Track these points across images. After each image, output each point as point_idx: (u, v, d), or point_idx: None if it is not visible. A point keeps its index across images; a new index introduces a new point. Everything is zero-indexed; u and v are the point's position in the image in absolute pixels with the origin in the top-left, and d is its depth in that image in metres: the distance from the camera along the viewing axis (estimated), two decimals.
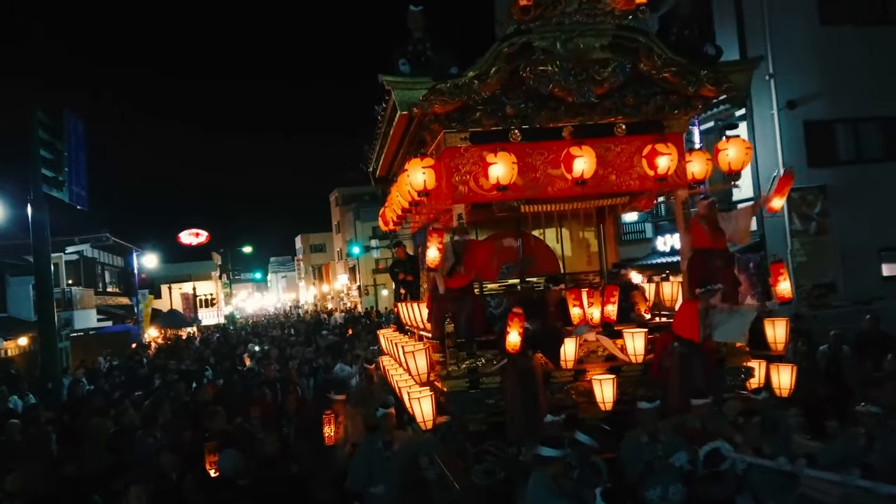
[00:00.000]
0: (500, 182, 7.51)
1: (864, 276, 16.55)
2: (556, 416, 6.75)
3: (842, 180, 16.64)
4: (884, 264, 17.35)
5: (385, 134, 9.32)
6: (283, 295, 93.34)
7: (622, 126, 8.07)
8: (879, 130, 17.46)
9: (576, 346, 7.53)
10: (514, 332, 7.05)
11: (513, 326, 7.05)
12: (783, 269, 7.60)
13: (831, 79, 16.67)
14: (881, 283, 16.93)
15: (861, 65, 16.66)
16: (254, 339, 27.58)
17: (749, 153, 7.75)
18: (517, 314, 7.08)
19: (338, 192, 65.47)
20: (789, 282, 7.54)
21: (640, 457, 6.48)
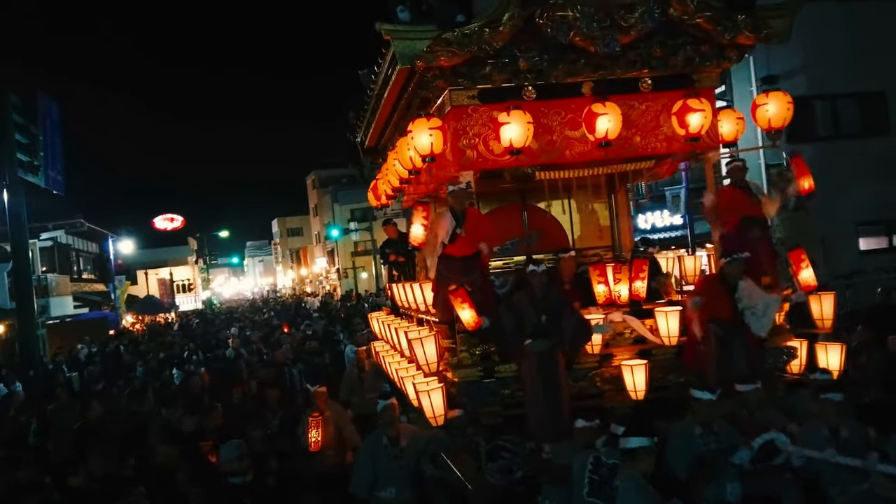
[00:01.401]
0: (514, 145, 6.50)
1: (842, 250, 16.35)
2: (589, 422, 5.73)
3: (821, 156, 16.11)
4: (861, 238, 17.37)
5: (379, 96, 8.24)
6: (260, 279, 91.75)
7: (648, 81, 7.09)
8: (857, 106, 17.23)
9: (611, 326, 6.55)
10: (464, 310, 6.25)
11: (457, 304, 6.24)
12: (804, 255, 6.70)
13: (810, 55, 16.33)
14: (859, 256, 16.88)
15: (840, 41, 16.31)
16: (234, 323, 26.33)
17: (791, 108, 6.78)
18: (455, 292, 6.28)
19: (315, 175, 63.98)
20: (812, 269, 6.60)
21: (691, 450, 5.54)
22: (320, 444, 7.36)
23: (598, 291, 7.01)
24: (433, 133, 6.52)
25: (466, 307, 6.20)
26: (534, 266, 6.45)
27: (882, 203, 16.45)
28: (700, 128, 6.68)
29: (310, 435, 7.29)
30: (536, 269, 6.43)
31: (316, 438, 7.33)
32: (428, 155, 6.57)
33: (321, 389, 7.76)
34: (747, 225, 6.93)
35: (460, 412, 6.57)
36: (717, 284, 6.50)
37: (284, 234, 76.03)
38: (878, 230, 17.62)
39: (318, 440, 7.33)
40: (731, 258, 6.44)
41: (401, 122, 8.84)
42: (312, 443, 7.31)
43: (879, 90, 17.01)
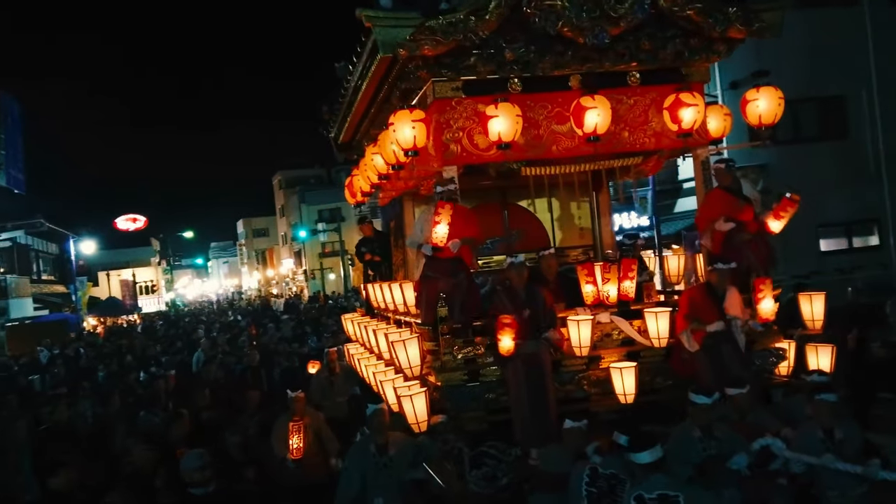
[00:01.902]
0: (503, 139, 6.20)
1: (803, 251, 16.35)
2: (577, 423, 5.44)
3: (781, 159, 16.49)
4: (821, 240, 17.52)
5: (356, 88, 7.88)
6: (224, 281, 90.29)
7: (636, 75, 6.85)
8: (815, 111, 17.35)
9: (591, 328, 6.26)
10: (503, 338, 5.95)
11: (504, 333, 5.93)
12: (767, 286, 6.43)
13: (771, 60, 16.17)
14: (819, 257, 17.01)
15: (800, 46, 16.31)
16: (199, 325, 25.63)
17: (782, 104, 6.58)
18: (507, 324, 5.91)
19: (281, 176, 63.10)
20: (773, 300, 6.41)
21: (691, 456, 5.28)
22: (301, 452, 6.97)
23: (586, 291, 6.74)
24: (416, 126, 6.19)
25: (509, 336, 5.92)
26: (511, 258, 6.15)
27: (842, 205, 16.69)
28: (693, 123, 6.46)
29: (291, 442, 6.89)
30: (515, 261, 6.14)
31: (298, 445, 6.94)
32: (411, 149, 6.24)
33: (300, 395, 7.37)
34: (735, 230, 6.70)
35: (443, 417, 6.26)
36: (703, 293, 6.27)
37: (250, 235, 74.89)
38: (838, 232, 17.85)
39: (299, 447, 6.95)
40: (714, 268, 6.24)
41: (378, 116, 8.49)
42: (294, 450, 6.92)
43: (839, 94, 17.21)
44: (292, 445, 6.95)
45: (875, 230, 17.91)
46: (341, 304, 27.94)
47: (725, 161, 6.89)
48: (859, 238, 18.03)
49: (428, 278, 6.43)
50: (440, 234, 6.09)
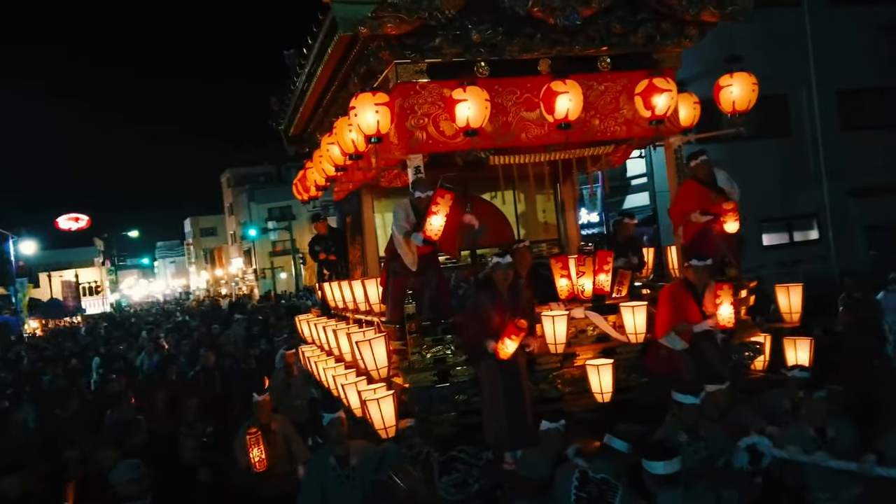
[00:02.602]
0: (471, 125, 5.78)
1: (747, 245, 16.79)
2: (554, 423, 5.03)
3: (726, 156, 16.68)
4: (764, 234, 17.72)
5: (310, 74, 7.38)
6: (171, 281, 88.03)
7: (606, 60, 6.51)
8: (759, 109, 17.44)
9: (566, 324, 5.88)
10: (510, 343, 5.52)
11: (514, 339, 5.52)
12: (724, 289, 5.96)
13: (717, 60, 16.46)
14: (762, 252, 17.13)
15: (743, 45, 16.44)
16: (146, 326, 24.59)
17: (756, 90, 6.30)
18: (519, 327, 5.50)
19: (229, 173, 61.57)
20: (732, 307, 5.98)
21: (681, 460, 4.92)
22: (265, 462, 6.43)
23: (560, 286, 6.36)
24: (380, 110, 5.73)
25: (513, 342, 5.49)
26: (498, 258, 5.72)
27: (783, 201, 16.89)
28: (667, 109, 6.14)
29: (251, 454, 6.33)
30: (501, 262, 5.71)
31: (259, 457, 6.39)
32: (374, 135, 5.77)
33: (265, 399, 6.82)
34: (709, 222, 6.40)
35: (412, 421, 5.80)
36: (683, 290, 5.94)
37: (198, 234, 73.03)
38: (779, 226, 18.08)
39: (261, 458, 6.40)
40: (691, 264, 5.92)
41: (333, 105, 8.00)
42: (256, 462, 6.36)
43: (781, 93, 17.33)
44: (253, 456, 6.40)
45: (815, 224, 18.26)
46: (294, 304, 27.13)
47: (699, 152, 6.55)
48: (800, 232, 18.32)
49: (395, 274, 5.98)
50: (435, 227, 5.63)
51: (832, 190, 17.72)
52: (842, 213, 17.88)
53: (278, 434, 6.70)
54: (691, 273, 5.91)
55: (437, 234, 5.73)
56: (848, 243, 17.76)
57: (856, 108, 18.54)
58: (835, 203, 17.89)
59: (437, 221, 5.70)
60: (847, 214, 17.85)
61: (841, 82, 17.90)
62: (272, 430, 6.68)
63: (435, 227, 5.71)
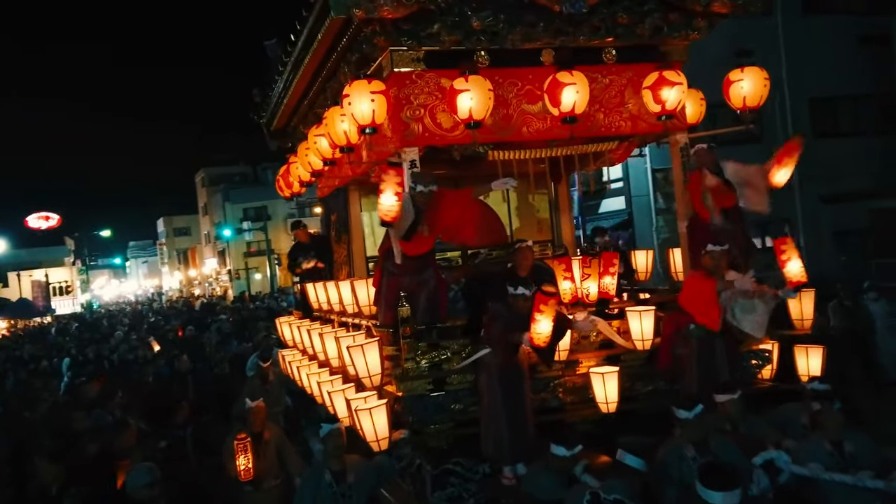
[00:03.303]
0: (473, 116, 5.37)
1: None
2: (570, 450, 4.56)
3: None
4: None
5: (297, 62, 6.95)
6: (144, 281, 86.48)
7: (612, 51, 6.17)
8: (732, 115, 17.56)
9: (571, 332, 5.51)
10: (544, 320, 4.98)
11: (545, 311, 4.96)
12: (789, 244, 5.75)
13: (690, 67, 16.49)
14: None
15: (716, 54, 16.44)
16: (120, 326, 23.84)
17: (768, 85, 5.98)
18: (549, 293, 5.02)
19: (204, 173, 60.55)
20: (800, 260, 5.72)
21: (686, 477, 4.55)
22: (252, 472, 5.96)
23: (563, 288, 5.98)
24: (376, 98, 5.32)
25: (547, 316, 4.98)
26: (524, 289, 5.25)
27: None
28: (677, 103, 5.79)
29: (238, 461, 5.87)
30: (527, 293, 5.20)
31: (245, 465, 5.92)
32: (368, 125, 5.35)
33: (259, 405, 6.34)
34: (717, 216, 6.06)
35: (405, 433, 5.39)
36: (700, 280, 5.58)
37: (171, 234, 71.73)
38: (754, 231, 17.83)
39: (247, 467, 5.93)
40: (707, 250, 5.54)
41: (320, 96, 7.58)
42: (242, 471, 5.90)
43: None
44: (240, 464, 5.93)
45: (786, 229, 18.13)
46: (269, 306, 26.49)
47: (707, 143, 6.21)
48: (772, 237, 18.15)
49: (390, 274, 5.57)
50: (384, 206, 5.22)
51: (804, 196, 17.65)
52: (813, 219, 17.84)
53: (271, 444, 6.24)
54: (708, 260, 5.52)
55: (387, 214, 5.32)
56: (819, 249, 17.70)
57: (828, 116, 18.54)
58: (806, 209, 17.84)
59: (386, 200, 5.29)
60: (818, 220, 17.82)
61: (813, 90, 17.85)
62: (265, 439, 6.21)
63: (384, 207, 5.31)
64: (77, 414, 6.96)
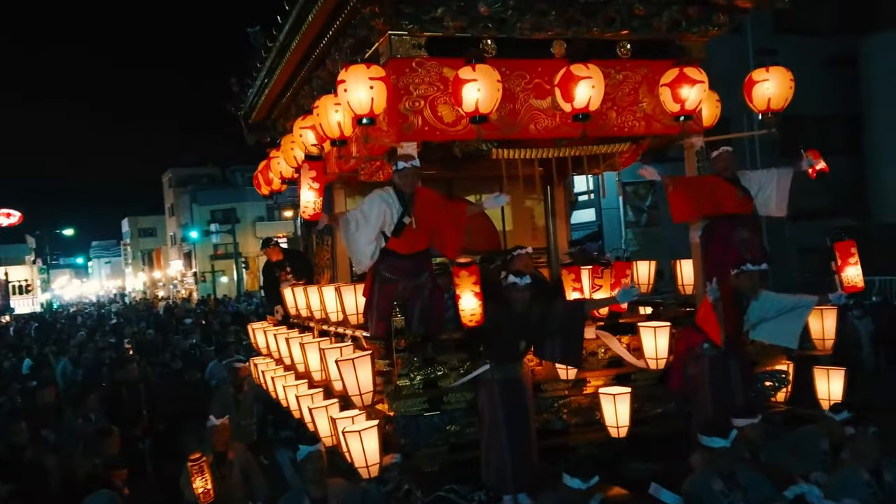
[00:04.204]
0: (480, 110, 4.85)
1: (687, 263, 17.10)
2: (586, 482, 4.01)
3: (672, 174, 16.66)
4: None
5: (282, 48, 6.37)
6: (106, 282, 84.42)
7: (626, 46, 5.72)
8: None
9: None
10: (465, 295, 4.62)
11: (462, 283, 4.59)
12: (853, 249, 5.35)
13: None
14: None
15: None
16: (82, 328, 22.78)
17: (793, 87, 5.55)
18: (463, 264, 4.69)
19: (171, 174, 59.20)
20: (859, 266, 5.32)
21: None
22: (212, 494, 5.34)
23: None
24: (375, 85, 4.76)
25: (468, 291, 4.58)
26: (515, 279, 4.77)
27: None
28: (698, 103, 5.33)
29: (194, 484, 5.25)
30: (518, 283, 4.75)
31: (204, 487, 5.30)
32: (366, 115, 4.80)
33: (223, 423, 5.73)
34: (727, 224, 5.61)
35: (397, 457, 4.82)
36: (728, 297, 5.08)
37: (136, 235, 70.08)
38: None
39: (206, 489, 5.31)
40: (742, 270, 5.04)
41: (306, 86, 7.02)
42: (200, 494, 5.28)
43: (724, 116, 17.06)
44: (196, 488, 5.31)
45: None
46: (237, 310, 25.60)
47: (719, 144, 5.77)
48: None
49: (383, 279, 5.00)
50: (306, 201, 4.90)
51: None
52: (779, 236, 17.80)
53: (235, 465, 5.62)
54: (744, 280, 5.01)
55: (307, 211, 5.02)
56: (784, 265, 17.67)
57: (795, 135, 18.62)
58: (771, 226, 17.76)
59: (307, 197, 4.94)
60: (783, 237, 17.78)
61: None
62: (228, 460, 5.59)
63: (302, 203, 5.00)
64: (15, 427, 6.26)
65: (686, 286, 6.43)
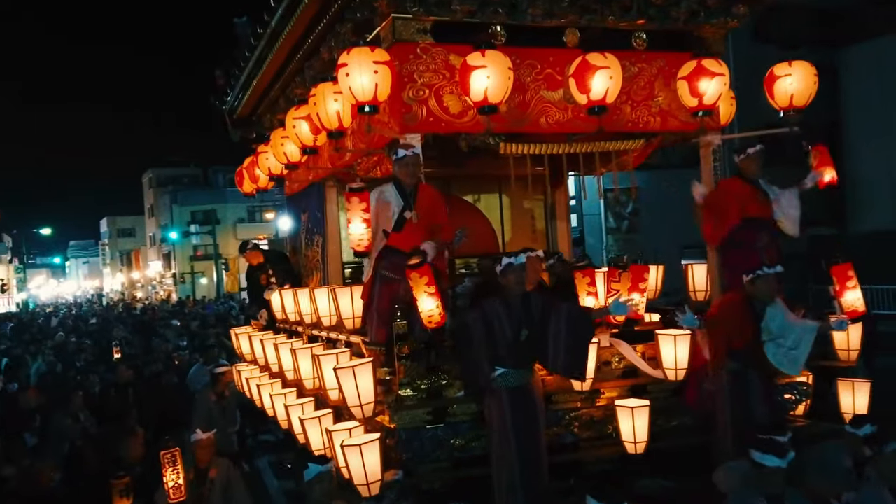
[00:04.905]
0: (489, 99, 4.45)
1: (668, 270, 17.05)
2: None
3: (651, 183, 16.11)
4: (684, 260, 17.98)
5: (273, 34, 5.95)
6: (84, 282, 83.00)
7: (642, 36, 5.35)
8: None
9: (596, 354, 4.63)
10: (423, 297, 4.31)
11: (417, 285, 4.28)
12: (851, 272, 5.04)
13: None
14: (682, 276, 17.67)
15: None
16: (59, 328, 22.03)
17: (817, 82, 5.22)
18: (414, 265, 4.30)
19: (152, 174, 58.31)
20: (859, 290, 5.02)
21: None
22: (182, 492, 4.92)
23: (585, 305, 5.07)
24: (380, 70, 4.35)
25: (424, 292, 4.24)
26: (510, 258, 4.40)
27: None
28: (717, 97, 4.98)
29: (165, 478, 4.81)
30: (513, 262, 4.38)
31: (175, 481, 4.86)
32: (370, 102, 4.38)
33: (207, 438, 5.28)
34: (755, 229, 5.27)
35: (399, 473, 4.41)
36: (742, 308, 4.73)
37: (114, 235, 68.98)
38: (699, 253, 17.75)
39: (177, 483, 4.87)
40: (758, 274, 4.69)
41: (296, 78, 6.61)
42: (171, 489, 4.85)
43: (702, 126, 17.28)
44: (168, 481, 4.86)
45: None
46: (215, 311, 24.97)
47: (751, 143, 5.41)
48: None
49: (383, 279, 4.59)
50: (354, 236, 4.54)
51: None
52: None
53: (216, 485, 5.17)
54: (761, 286, 4.65)
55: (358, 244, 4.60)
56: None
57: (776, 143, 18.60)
58: None
59: (355, 229, 4.57)
60: None
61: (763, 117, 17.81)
62: (210, 478, 5.14)
63: (354, 237, 4.59)
64: None
65: (698, 292, 6.06)
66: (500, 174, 6.83)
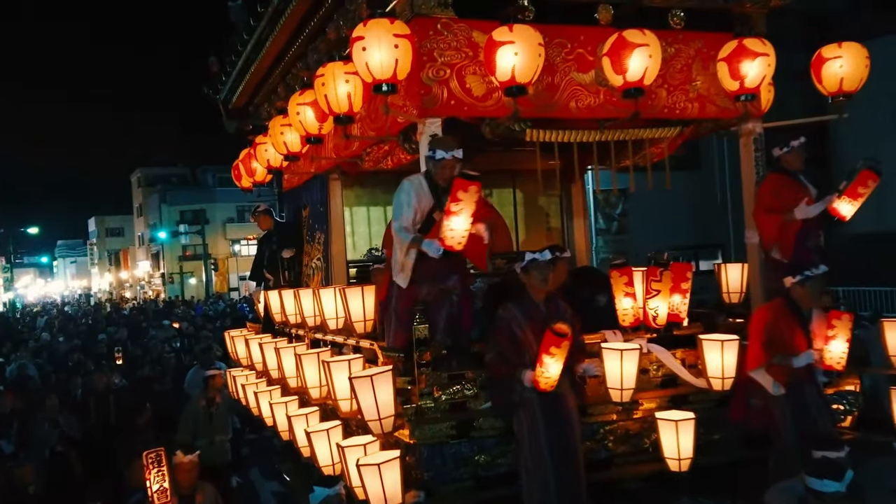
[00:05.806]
0: (517, 79, 3.97)
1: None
2: None
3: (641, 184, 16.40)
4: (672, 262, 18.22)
5: (274, 17, 5.47)
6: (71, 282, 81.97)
7: (680, 14, 4.87)
8: None
9: (636, 362, 4.16)
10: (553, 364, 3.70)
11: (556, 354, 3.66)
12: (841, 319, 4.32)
13: None
14: None
15: None
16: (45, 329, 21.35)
17: (869, 65, 4.78)
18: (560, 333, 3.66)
19: (140, 173, 57.53)
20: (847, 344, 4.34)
21: None
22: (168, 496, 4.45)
23: (622, 308, 4.60)
24: (400, 44, 3.85)
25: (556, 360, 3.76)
26: (534, 254, 3.95)
27: (692, 230, 16.92)
28: (760, 80, 4.52)
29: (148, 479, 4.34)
30: (538, 258, 3.93)
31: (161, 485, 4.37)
32: (389, 80, 3.89)
33: (190, 461, 4.78)
34: (805, 229, 4.82)
35: (420, 495, 3.91)
36: (785, 313, 4.28)
37: (103, 234, 68.13)
38: (687, 255, 18.25)
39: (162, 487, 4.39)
40: (805, 275, 4.23)
41: (298, 63, 6.12)
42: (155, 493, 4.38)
43: None
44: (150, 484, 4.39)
45: (719, 254, 18.01)
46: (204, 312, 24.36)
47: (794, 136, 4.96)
48: (705, 261, 18.17)
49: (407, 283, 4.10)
50: (458, 232, 3.88)
51: (736, 221, 17.42)
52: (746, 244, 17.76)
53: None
54: (801, 290, 4.21)
55: (460, 242, 3.94)
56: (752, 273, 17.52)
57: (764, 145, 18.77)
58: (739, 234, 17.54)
59: (459, 224, 3.92)
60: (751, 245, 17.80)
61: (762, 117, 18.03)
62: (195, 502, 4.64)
63: (458, 233, 3.93)
64: None
65: (732, 294, 5.60)
66: (514, 168, 6.41)
